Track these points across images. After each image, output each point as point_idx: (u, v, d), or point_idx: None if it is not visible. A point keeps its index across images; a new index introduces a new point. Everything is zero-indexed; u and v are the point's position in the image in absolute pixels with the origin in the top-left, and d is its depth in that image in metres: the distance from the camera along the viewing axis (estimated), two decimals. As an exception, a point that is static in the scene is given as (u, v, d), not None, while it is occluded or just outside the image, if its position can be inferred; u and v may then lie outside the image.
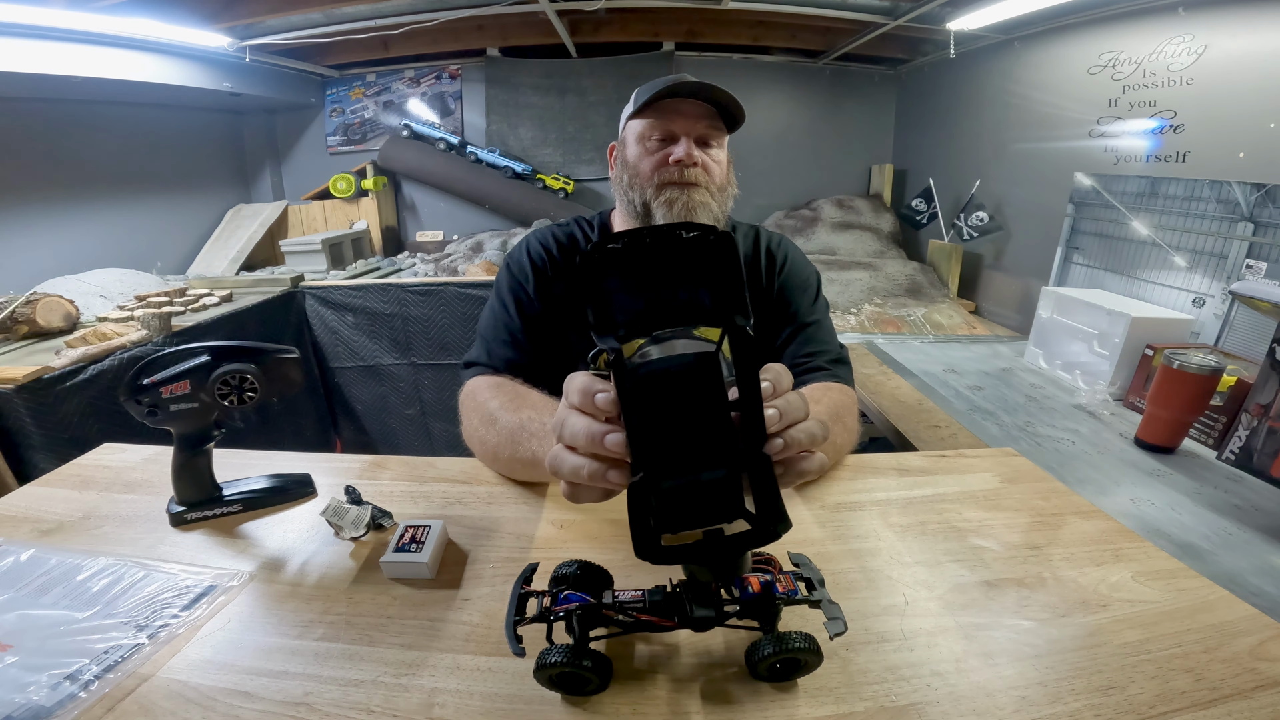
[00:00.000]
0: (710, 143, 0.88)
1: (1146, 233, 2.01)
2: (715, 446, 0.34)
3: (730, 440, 0.34)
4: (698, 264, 0.34)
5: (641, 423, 0.34)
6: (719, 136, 0.89)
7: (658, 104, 0.86)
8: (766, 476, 0.35)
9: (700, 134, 0.87)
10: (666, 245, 0.33)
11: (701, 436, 0.34)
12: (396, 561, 0.56)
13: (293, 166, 4.36)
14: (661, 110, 0.87)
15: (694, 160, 0.85)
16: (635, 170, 0.89)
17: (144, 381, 0.60)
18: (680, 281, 0.34)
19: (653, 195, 0.87)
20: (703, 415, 0.34)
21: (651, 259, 0.34)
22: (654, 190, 0.87)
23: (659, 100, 0.85)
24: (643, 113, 0.87)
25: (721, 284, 0.34)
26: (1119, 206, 2.13)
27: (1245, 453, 1.22)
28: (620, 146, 0.94)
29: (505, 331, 0.89)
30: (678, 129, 0.86)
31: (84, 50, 2.47)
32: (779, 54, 4.02)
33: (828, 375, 0.87)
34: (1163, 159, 2.05)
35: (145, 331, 1.70)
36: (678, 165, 0.85)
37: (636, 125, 0.89)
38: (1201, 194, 1.86)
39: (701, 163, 0.86)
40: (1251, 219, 1.71)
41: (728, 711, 0.42)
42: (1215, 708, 0.42)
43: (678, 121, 0.86)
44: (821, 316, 0.94)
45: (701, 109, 0.86)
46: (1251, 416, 1.21)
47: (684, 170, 0.85)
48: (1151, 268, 2.01)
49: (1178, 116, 2.00)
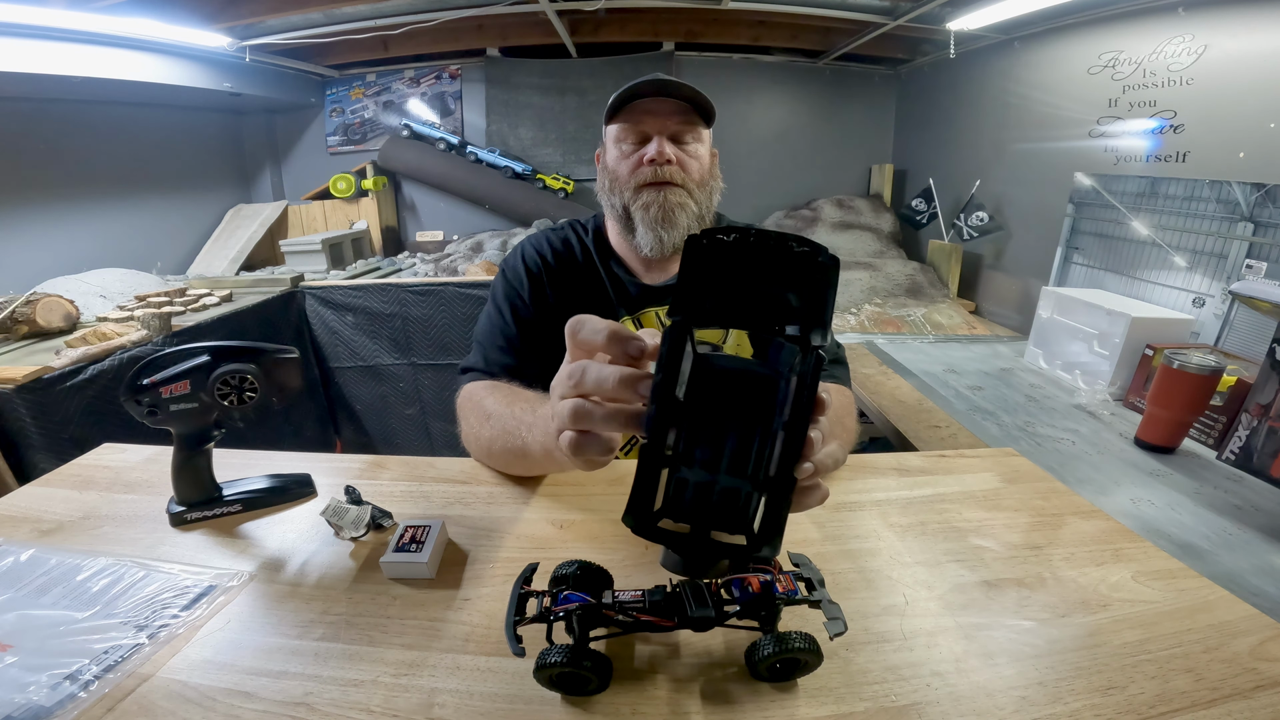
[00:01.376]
0: (685, 138, 0.88)
1: (1146, 233, 2.01)
2: (747, 458, 0.35)
3: (762, 457, 0.35)
4: (795, 277, 0.34)
5: (685, 404, 0.34)
6: (694, 131, 0.89)
7: (629, 106, 0.86)
8: (784, 498, 0.35)
9: (673, 131, 0.87)
10: (773, 252, 0.34)
11: (739, 443, 0.34)
12: (396, 561, 0.56)
13: (293, 166, 4.36)
14: (633, 112, 0.87)
15: (666, 158, 0.85)
16: (614, 174, 0.90)
17: (144, 381, 0.60)
18: (773, 289, 0.34)
19: (630, 199, 0.87)
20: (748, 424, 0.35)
21: (755, 261, 0.34)
22: (631, 193, 0.87)
23: (629, 102, 0.86)
24: (615, 117, 0.88)
25: (812, 303, 0.34)
26: (1119, 206, 2.13)
27: (1245, 453, 1.22)
28: (602, 152, 0.95)
29: (501, 338, 0.89)
30: (650, 129, 0.87)
31: (84, 50, 2.47)
32: (779, 54, 4.02)
33: (826, 376, 0.87)
34: (1163, 159, 2.05)
35: (145, 331, 1.70)
36: (651, 165, 0.85)
37: (612, 130, 0.90)
38: (1201, 194, 1.86)
39: (677, 159, 0.86)
40: (1251, 219, 1.71)
41: (728, 711, 0.42)
42: (1215, 708, 0.42)
43: (648, 121, 0.86)
44: None
45: (672, 106, 0.86)
46: (1251, 416, 1.21)
47: (657, 170, 0.85)
48: (1151, 268, 2.01)
49: (1178, 116, 2.00)
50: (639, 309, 0.92)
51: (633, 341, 0.38)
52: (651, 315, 0.92)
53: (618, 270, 0.94)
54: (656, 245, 0.87)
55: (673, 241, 0.87)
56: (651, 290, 0.93)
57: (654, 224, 0.86)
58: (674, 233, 0.87)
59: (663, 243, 0.87)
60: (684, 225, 0.87)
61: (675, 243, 0.88)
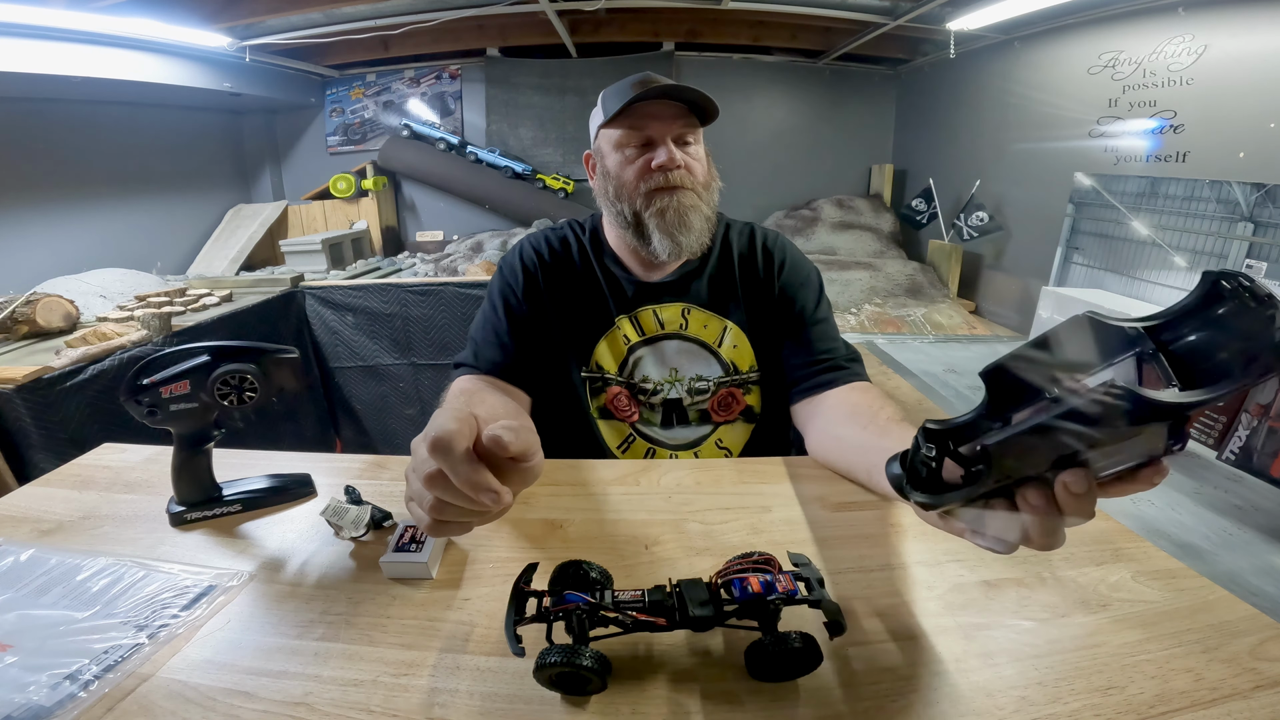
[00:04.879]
0: (688, 140, 0.87)
1: (1146, 233, 2.01)
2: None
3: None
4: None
5: None
6: (694, 132, 0.88)
7: (629, 109, 0.84)
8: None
9: (677, 134, 0.86)
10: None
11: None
12: (396, 561, 0.56)
13: (293, 166, 4.36)
14: (634, 115, 0.85)
15: (676, 163, 0.84)
16: (619, 181, 0.88)
17: (144, 381, 0.60)
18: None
19: (642, 205, 0.86)
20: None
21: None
22: (642, 200, 0.86)
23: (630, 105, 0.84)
24: (615, 120, 0.86)
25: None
26: (1119, 206, 2.13)
27: (1245, 453, 1.22)
28: (598, 156, 0.92)
29: (493, 334, 0.89)
30: (654, 133, 0.85)
31: (84, 50, 2.47)
32: (779, 54, 4.02)
33: (849, 375, 0.86)
34: (1163, 159, 2.05)
35: (145, 331, 1.70)
36: (661, 171, 0.84)
37: (612, 133, 0.88)
38: (1201, 194, 1.86)
39: (684, 163, 0.85)
40: (1251, 219, 1.71)
41: (728, 711, 0.42)
42: (1215, 708, 0.42)
43: (653, 125, 0.85)
44: (828, 314, 0.94)
45: (674, 108, 0.85)
46: (1251, 416, 1.21)
47: (668, 175, 0.84)
48: (1151, 268, 2.01)
49: (1178, 116, 2.00)
50: (635, 308, 0.92)
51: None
52: (649, 313, 0.92)
53: (614, 269, 0.94)
54: (674, 249, 0.86)
55: (688, 244, 0.86)
56: (649, 288, 0.92)
57: (670, 229, 0.85)
58: (689, 235, 0.86)
59: (680, 246, 0.86)
60: (698, 227, 0.87)
61: (690, 245, 0.87)
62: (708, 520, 0.64)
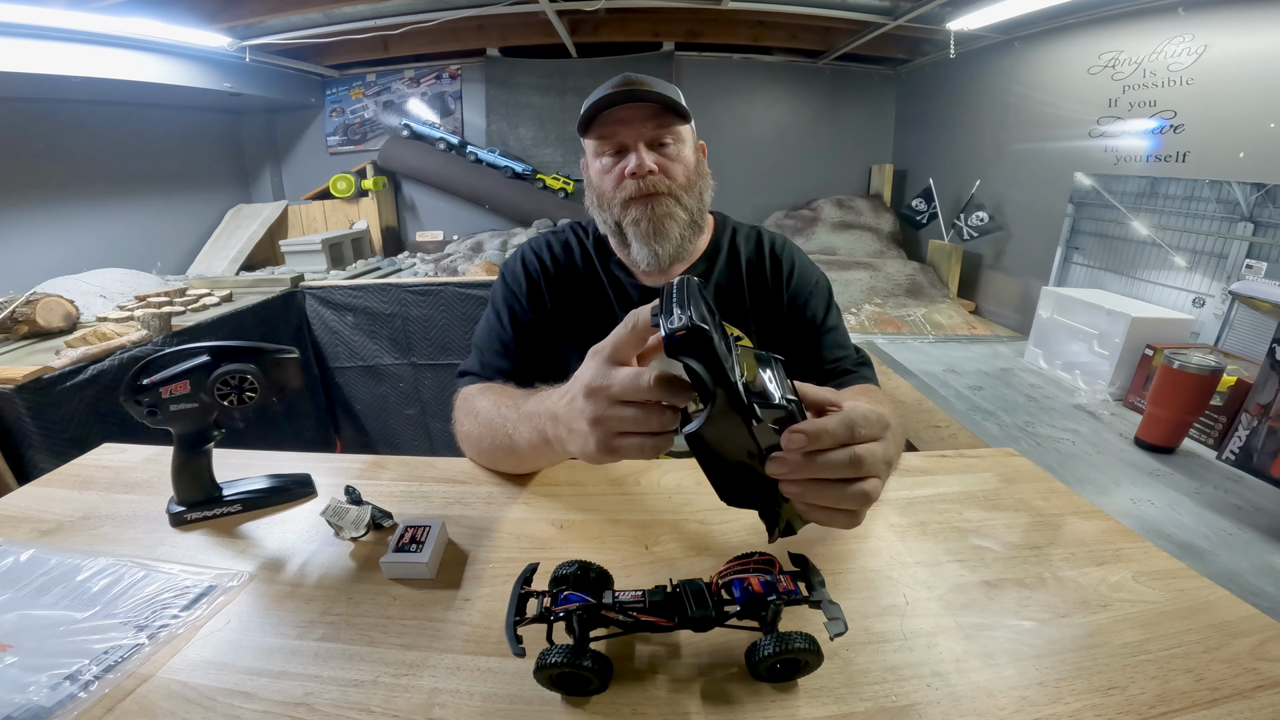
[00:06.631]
0: (665, 141, 0.85)
1: (1146, 233, 2.01)
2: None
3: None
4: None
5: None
6: (671, 132, 0.85)
7: (600, 118, 0.83)
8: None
9: (650, 137, 0.84)
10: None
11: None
12: (396, 561, 0.56)
13: (293, 166, 4.36)
14: (606, 123, 0.84)
15: (647, 169, 0.82)
16: (599, 189, 0.87)
17: (144, 381, 0.60)
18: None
19: (620, 214, 0.85)
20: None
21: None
22: (620, 208, 0.85)
23: (599, 114, 0.82)
24: (588, 131, 0.85)
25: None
26: (1119, 206, 2.13)
27: (1245, 453, 1.22)
28: (585, 164, 0.92)
29: (498, 342, 0.88)
30: (625, 139, 0.84)
31: (84, 50, 2.47)
32: (779, 54, 4.02)
33: (855, 378, 0.87)
34: (1163, 159, 2.05)
35: (145, 331, 1.70)
36: (634, 178, 0.83)
37: (589, 144, 0.87)
38: (1201, 194, 1.86)
39: (660, 167, 0.83)
40: (1251, 219, 1.71)
41: (728, 711, 0.42)
42: (1215, 708, 0.42)
43: (622, 131, 0.83)
44: (838, 321, 0.93)
45: (645, 110, 0.83)
46: (1251, 416, 1.21)
47: (640, 183, 0.83)
48: (1151, 268, 2.01)
49: (1178, 116, 2.00)
50: None
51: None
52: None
53: (618, 273, 0.93)
54: (652, 259, 0.86)
55: (667, 253, 0.85)
56: (652, 292, 0.92)
57: (646, 238, 0.84)
58: (667, 244, 0.85)
59: (658, 256, 0.85)
60: (675, 235, 0.85)
61: (670, 254, 0.86)
62: (708, 520, 0.64)
